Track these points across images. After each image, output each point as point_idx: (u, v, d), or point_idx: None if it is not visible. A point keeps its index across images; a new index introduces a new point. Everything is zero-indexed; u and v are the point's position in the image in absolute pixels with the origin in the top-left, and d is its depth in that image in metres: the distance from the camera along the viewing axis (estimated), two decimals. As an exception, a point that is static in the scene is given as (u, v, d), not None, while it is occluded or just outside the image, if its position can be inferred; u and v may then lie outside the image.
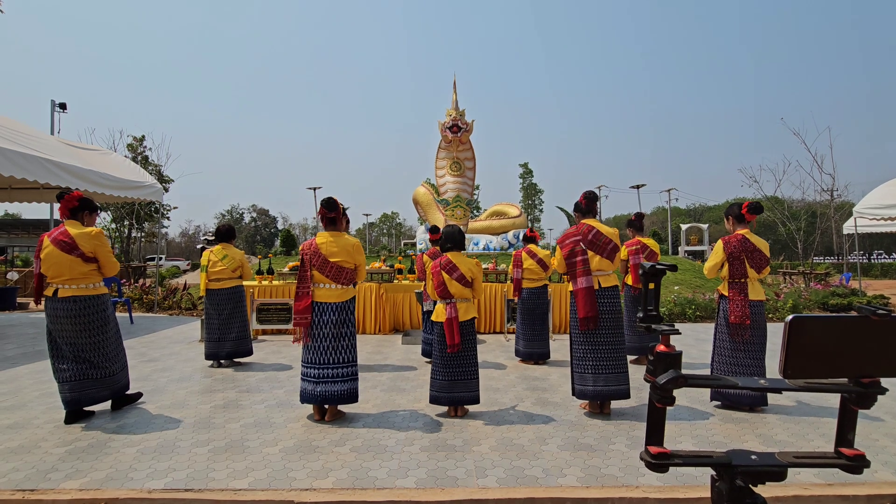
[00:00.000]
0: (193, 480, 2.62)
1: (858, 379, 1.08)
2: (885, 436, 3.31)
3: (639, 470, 2.74)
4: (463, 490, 2.53)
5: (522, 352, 5.52)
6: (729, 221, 4.01)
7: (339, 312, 3.54)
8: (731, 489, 1.11)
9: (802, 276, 13.62)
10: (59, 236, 3.46)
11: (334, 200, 3.59)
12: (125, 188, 8.35)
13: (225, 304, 5.31)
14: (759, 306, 3.83)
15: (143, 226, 20.54)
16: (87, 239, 3.49)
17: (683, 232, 28.09)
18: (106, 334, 3.61)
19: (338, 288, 3.56)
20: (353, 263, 3.61)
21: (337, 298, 3.54)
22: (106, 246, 3.60)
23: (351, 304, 3.63)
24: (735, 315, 3.76)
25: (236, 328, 5.31)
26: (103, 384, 3.59)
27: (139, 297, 10.57)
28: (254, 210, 62.26)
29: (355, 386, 3.60)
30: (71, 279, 3.47)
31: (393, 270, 8.06)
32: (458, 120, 15.26)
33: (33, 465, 2.81)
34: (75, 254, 3.44)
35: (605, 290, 3.65)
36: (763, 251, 3.82)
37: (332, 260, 3.51)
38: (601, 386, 3.58)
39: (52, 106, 14.29)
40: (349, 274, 3.59)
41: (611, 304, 3.65)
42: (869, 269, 25.23)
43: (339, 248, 3.54)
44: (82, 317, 3.49)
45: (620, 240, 3.92)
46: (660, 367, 1.15)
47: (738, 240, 3.83)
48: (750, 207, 3.85)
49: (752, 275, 3.80)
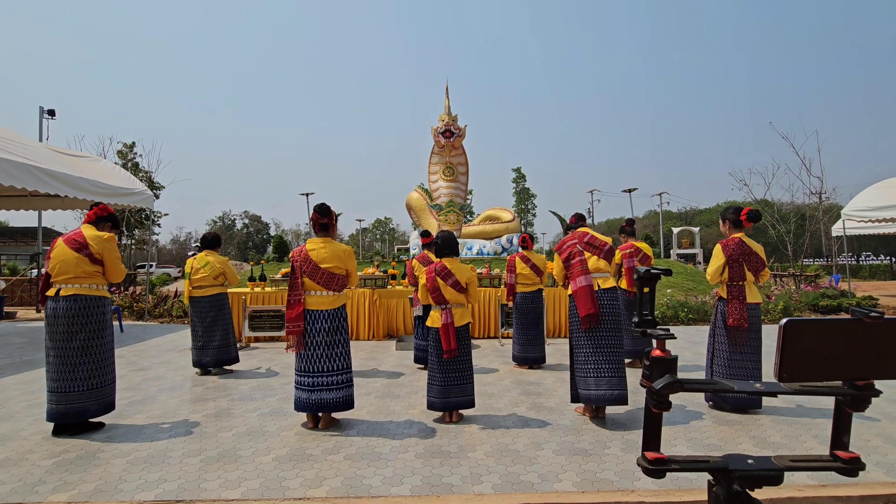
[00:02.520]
0: (185, 491, 2.58)
1: (853, 381, 1.08)
2: (877, 436, 3.34)
3: (634, 474, 2.73)
4: (458, 497, 2.51)
5: (518, 356, 5.51)
6: (725, 225, 4.02)
7: (332, 320, 3.51)
8: (729, 494, 1.11)
9: (793, 278, 13.76)
10: (72, 235, 3.54)
11: (328, 206, 3.58)
12: (115, 195, 8.27)
13: (207, 311, 5.29)
14: (755, 309, 3.85)
15: (133, 233, 20.34)
16: (98, 241, 3.52)
17: (675, 235, 28.31)
18: (101, 340, 3.53)
19: (329, 295, 3.54)
20: (345, 269, 3.59)
21: (329, 305, 3.52)
22: (115, 251, 3.61)
23: (343, 311, 3.61)
24: (734, 318, 3.78)
25: (219, 336, 5.28)
26: (90, 395, 3.47)
27: (129, 304, 10.45)
28: (246, 216, 61.86)
29: (350, 393, 3.57)
30: (75, 277, 3.46)
31: (386, 276, 8.04)
32: (450, 125, 15.29)
33: (20, 478, 2.75)
34: (84, 253, 3.46)
35: (604, 291, 3.64)
36: (759, 255, 3.85)
37: (323, 266, 3.49)
38: (603, 390, 3.54)
39: (40, 112, 14.17)
40: (341, 280, 3.57)
41: (610, 306, 3.63)
42: (857, 271, 25.55)
43: (329, 253, 3.52)
44: (80, 317, 3.44)
45: (614, 244, 3.96)
46: (656, 372, 1.15)
47: (735, 243, 3.85)
48: (749, 215, 3.87)
49: (749, 278, 3.83)
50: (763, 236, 24.26)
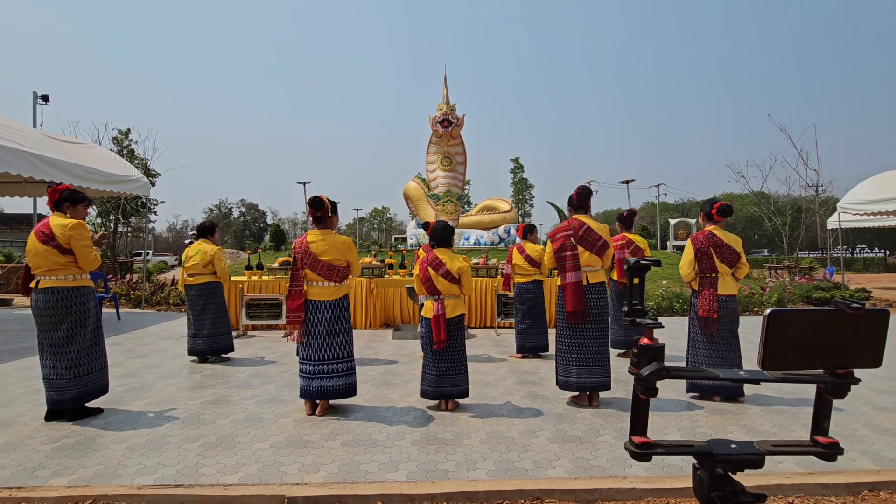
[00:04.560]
0: (183, 476, 2.62)
1: (834, 370, 1.12)
2: (864, 426, 3.41)
3: (626, 461, 2.79)
4: (453, 483, 2.56)
5: (517, 345, 5.60)
6: (701, 218, 4.13)
7: (333, 310, 3.54)
8: (712, 477, 1.15)
9: (787, 270, 13.86)
10: (40, 227, 3.43)
11: (321, 199, 3.55)
12: (111, 182, 8.23)
13: (196, 299, 5.32)
14: (729, 301, 3.91)
15: (129, 221, 20.25)
16: (63, 230, 3.38)
17: (672, 227, 28.37)
18: (83, 328, 3.49)
19: (330, 286, 3.56)
20: (345, 261, 3.60)
21: (330, 296, 3.54)
22: (82, 239, 3.43)
23: (345, 301, 3.63)
24: (703, 309, 3.88)
25: (209, 324, 5.30)
26: (77, 383, 3.45)
27: (126, 292, 10.45)
28: (242, 205, 61.64)
29: (351, 381, 3.61)
30: (49, 270, 3.40)
31: (384, 265, 8.06)
32: (448, 114, 15.22)
33: (20, 463, 2.78)
34: (51, 244, 3.36)
35: (592, 285, 3.71)
36: (732, 246, 3.91)
37: (322, 258, 3.51)
38: (584, 378, 3.66)
39: (34, 98, 14.03)
40: (341, 271, 3.59)
41: (598, 300, 3.71)
42: (852, 264, 25.71)
43: (328, 245, 3.53)
44: (59, 308, 3.41)
45: (610, 234, 3.98)
46: (644, 360, 1.18)
47: (704, 236, 3.95)
48: (719, 210, 3.97)
49: (722, 269, 3.90)
50: (759, 228, 24.34)
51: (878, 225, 14.14)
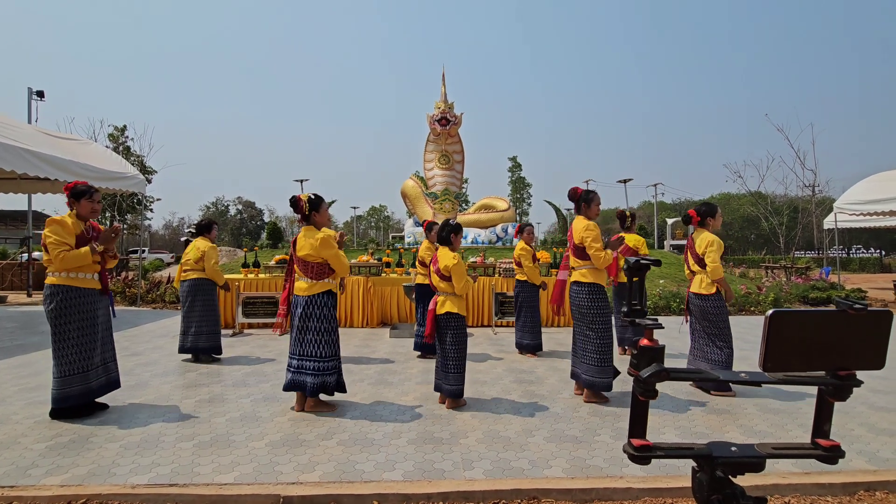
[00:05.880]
0: (178, 475, 2.60)
1: (835, 372, 1.11)
2: (860, 426, 3.41)
3: (623, 461, 2.78)
4: (450, 482, 2.55)
5: (516, 343, 5.72)
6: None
7: (305, 306, 3.57)
8: (712, 480, 1.13)
9: (784, 269, 13.89)
10: None
11: (296, 198, 3.65)
12: (107, 179, 8.18)
13: (185, 295, 5.29)
14: (700, 298, 4.15)
15: (125, 218, 20.15)
16: (46, 227, 3.36)
17: (669, 226, 28.44)
18: (57, 329, 3.37)
19: (307, 281, 3.60)
20: (320, 257, 3.56)
21: (304, 292, 3.59)
22: (52, 235, 3.29)
23: (319, 299, 3.56)
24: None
25: (195, 322, 5.20)
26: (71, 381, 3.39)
27: (122, 290, 10.40)
28: (239, 202, 61.38)
29: (325, 381, 3.54)
30: (49, 269, 3.43)
31: (381, 264, 8.04)
32: (446, 113, 15.19)
33: (13, 462, 2.75)
34: (42, 244, 3.44)
35: (572, 283, 4.00)
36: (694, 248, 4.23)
37: (299, 254, 3.61)
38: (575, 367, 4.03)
39: (29, 94, 13.92)
40: (317, 268, 3.58)
41: (575, 298, 3.94)
42: (848, 264, 25.84)
43: (304, 242, 3.59)
44: (46, 306, 3.40)
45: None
46: (643, 361, 1.17)
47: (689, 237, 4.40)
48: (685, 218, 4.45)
49: (695, 269, 4.23)
50: (756, 228, 24.39)
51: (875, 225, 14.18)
